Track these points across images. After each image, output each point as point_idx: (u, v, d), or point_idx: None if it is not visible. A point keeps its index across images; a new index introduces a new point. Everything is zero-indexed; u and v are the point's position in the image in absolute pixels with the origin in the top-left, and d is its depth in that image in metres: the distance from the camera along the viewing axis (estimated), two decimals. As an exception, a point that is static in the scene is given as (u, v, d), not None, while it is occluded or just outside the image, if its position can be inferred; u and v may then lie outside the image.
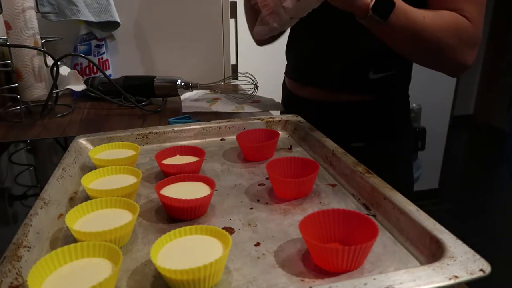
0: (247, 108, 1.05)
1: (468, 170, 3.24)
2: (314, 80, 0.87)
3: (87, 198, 0.54)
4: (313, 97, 0.87)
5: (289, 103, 0.97)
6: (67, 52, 1.11)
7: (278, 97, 1.10)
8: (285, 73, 1.00)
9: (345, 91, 0.83)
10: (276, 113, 1.02)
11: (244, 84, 1.20)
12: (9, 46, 0.97)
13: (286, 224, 0.48)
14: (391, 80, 0.80)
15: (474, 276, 0.35)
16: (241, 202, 0.54)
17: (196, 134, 0.77)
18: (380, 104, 0.83)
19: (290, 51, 0.97)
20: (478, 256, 0.37)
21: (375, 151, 0.80)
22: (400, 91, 0.85)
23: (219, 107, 1.07)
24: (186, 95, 1.17)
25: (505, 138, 3.73)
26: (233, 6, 1.71)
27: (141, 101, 1.10)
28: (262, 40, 0.91)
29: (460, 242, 0.39)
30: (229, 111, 1.03)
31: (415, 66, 0.88)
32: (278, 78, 1.03)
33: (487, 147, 3.62)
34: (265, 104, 1.09)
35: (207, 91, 1.22)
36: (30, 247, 0.41)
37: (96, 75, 1.22)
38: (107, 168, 0.57)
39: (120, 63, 1.35)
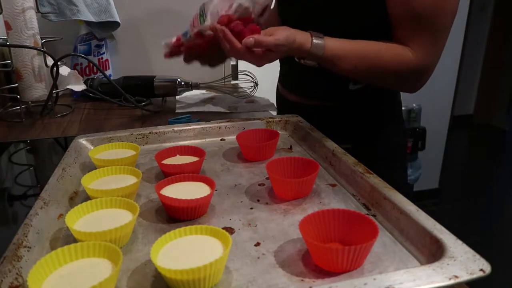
0: (241, 108, 1.05)
1: (468, 170, 3.24)
2: (298, 90, 0.90)
3: (87, 198, 0.54)
4: (300, 101, 0.89)
5: (280, 105, 1.00)
6: (67, 52, 1.11)
7: (274, 98, 1.10)
8: (278, 81, 1.03)
9: (327, 100, 0.85)
10: (275, 113, 1.02)
11: (244, 82, 1.20)
12: (9, 46, 0.97)
13: (286, 224, 0.48)
14: (372, 88, 0.81)
15: (474, 276, 0.35)
16: (241, 202, 0.54)
17: (196, 134, 0.77)
18: (363, 108, 0.84)
19: (281, 60, 0.99)
20: (478, 256, 0.37)
21: (362, 152, 0.81)
22: (385, 96, 0.86)
23: (212, 107, 1.07)
24: (182, 95, 1.17)
25: (505, 138, 3.73)
26: (233, 6, 1.70)
27: (141, 101, 1.10)
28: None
29: (460, 242, 0.39)
30: (222, 111, 1.03)
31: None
32: (275, 79, 1.03)
33: (487, 147, 3.62)
34: (259, 104, 1.09)
35: (203, 91, 1.22)
36: (30, 247, 0.41)
37: (96, 75, 1.22)
38: (107, 168, 0.57)
39: (120, 63, 1.35)
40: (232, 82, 1.37)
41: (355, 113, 0.84)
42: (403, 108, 0.93)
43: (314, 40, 0.69)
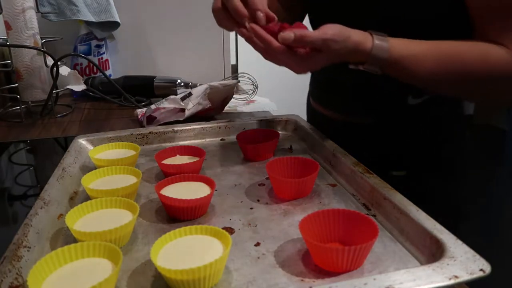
0: (241, 109, 1.05)
1: (468, 170, 3.24)
2: (338, 105, 0.74)
3: (87, 198, 0.54)
4: (342, 118, 0.73)
5: (315, 122, 0.80)
6: (67, 52, 1.11)
7: (276, 97, 1.10)
8: (309, 92, 0.87)
9: (378, 117, 0.69)
10: (275, 113, 1.02)
11: (243, 84, 1.20)
12: (9, 46, 0.97)
13: (286, 224, 0.48)
14: (435, 101, 0.66)
15: (474, 276, 0.35)
16: (241, 202, 0.54)
17: (196, 134, 0.77)
18: (421, 126, 0.67)
19: (313, 73, 0.83)
20: (478, 256, 0.37)
21: (419, 182, 0.66)
22: (448, 110, 0.69)
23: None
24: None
25: (505, 138, 3.72)
26: (233, 6, 1.71)
27: (141, 101, 1.10)
28: None
29: (460, 242, 0.39)
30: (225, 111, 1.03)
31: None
32: (277, 79, 1.03)
33: (487, 147, 3.62)
34: (259, 105, 1.09)
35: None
36: (30, 247, 0.41)
37: (96, 75, 1.22)
38: (107, 168, 0.57)
39: (120, 63, 1.35)
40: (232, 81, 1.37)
41: (412, 133, 0.68)
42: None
43: (376, 40, 0.54)
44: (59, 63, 0.98)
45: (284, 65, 0.56)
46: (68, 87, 1.09)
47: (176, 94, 1.13)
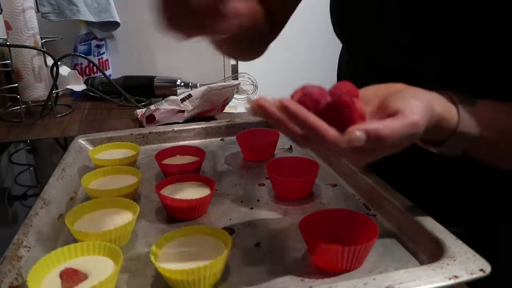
0: (240, 108, 1.05)
1: (468, 170, 3.24)
2: None
3: (87, 198, 0.54)
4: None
5: None
6: (67, 52, 1.11)
7: (276, 97, 1.10)
8: None
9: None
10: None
11: (243, 84, 1.20)
12: (9, 46, 0.97)
13: (286, 224, 0.48)
14: None
15: (474, 276, 0.35)
16: (241, 202, 0.54)
17: (196, 134, 0.77)
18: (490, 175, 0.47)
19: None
20: (478, 256, 0.37)
21: (482, 240, 0.45)
22: None
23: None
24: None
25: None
26: (233, 6, 1.70)
27: (141, 101, 1.10)
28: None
29: (460, 242, 0.39)
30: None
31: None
32: (277, 78, 1.03)
33: (487, 147, 3.62)
34: None
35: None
36: (30, 247, 0.41)
37: (96, 75, 1.22)
38: (107, 168, 0.57)
39: (120, 63, 1.35)
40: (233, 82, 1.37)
41: (478, 182, 0.50)
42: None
43: (462, 108, 0.39)
44: (59, 63, 0.98)
45: (346, 159, 0.42)
46: (68, 87, 1.09)
47: (176, 94, 1.13)
